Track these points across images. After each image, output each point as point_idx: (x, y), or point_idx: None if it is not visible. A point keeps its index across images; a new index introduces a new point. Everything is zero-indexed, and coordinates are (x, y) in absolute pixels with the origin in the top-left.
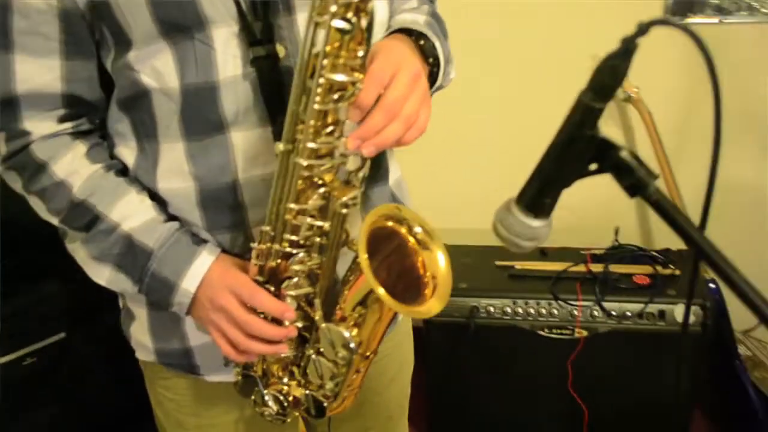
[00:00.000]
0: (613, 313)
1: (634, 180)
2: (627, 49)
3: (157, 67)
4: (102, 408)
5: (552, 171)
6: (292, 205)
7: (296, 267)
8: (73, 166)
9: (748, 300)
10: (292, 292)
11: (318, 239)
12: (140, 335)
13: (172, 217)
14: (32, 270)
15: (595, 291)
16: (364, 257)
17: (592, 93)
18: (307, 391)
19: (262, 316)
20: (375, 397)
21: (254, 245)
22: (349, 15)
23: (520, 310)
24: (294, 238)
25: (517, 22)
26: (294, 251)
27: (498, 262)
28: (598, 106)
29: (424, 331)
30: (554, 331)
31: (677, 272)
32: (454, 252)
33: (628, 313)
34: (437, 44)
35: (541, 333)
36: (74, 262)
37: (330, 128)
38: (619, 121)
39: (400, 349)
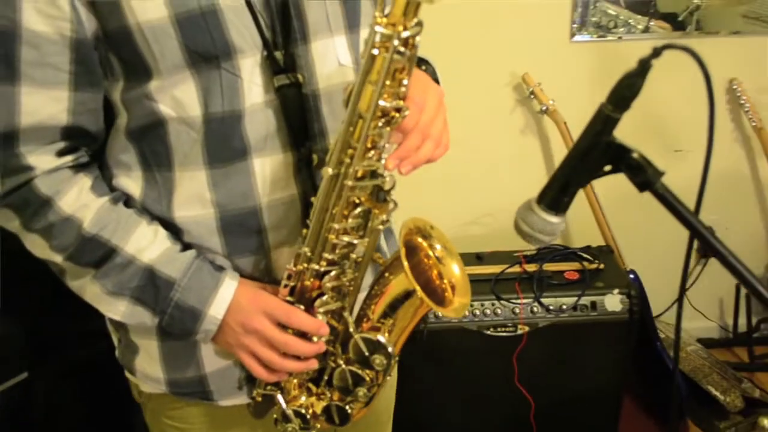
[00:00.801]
0: (551, 307)
1: (645, 178)
2: (643, 69)
3: (177, 97)
4: None
5: (573, 173)
6: (336, 226)
7: (330, 284)
8: (81, 200)
9: (740, 276)
10: (323, 309)
11: (353, 256)
12: (148, 368)
13: (187, 246)
14: None
15: (533, 289)
16: (405, 261)
17: (612, 105)
18: (332, 402)
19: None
20: None
21: (289, 266)
22: (402, 48)
23: (467, 312)
24: (331, 256)
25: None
26: (329, 269)
27: None
28: (616, 116)
29: None
30: (499, 329)
31: (601, 266)
32: None
33: (564, 307)
34: (435, 68)
35: (487, 332)
36: (30, 297)
37: (372, 152)
38: (536, 132)
39: None
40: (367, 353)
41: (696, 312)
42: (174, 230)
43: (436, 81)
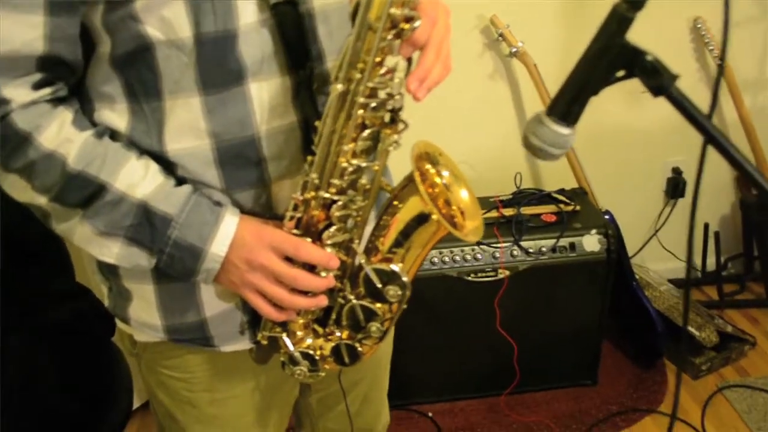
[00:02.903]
0: (531, 250)
1: (659, 81)
2: None
3: (166, 17)
4: (55, 408)
5: (584, 79)
6: (346, 148)
7: (338, 213)
8: (62, 135)
9: (747, 173)
10: (331, 241)
11: (362, 182)
12: (144, 315)
13: (181, 180)
14: None
15: (512, 232)
16: (420, 183)
17: (627, 3)
18: (341, 341)
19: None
20: None
21: (295, 195)
22: None
23: (447, 259)
24: (339, 183)
25: None
26: (337, 198)
27: None
28: (631, 15)
29: None
30: (480, 274)
31: (577, 208)
32: None
33: (543, 249)
34: None
35: (468, 278)
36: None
37: (384, 68)
38: (506, 76)
39: None
40: (379, 285)
41: (666, 252)
42: (166, 165)
43: None
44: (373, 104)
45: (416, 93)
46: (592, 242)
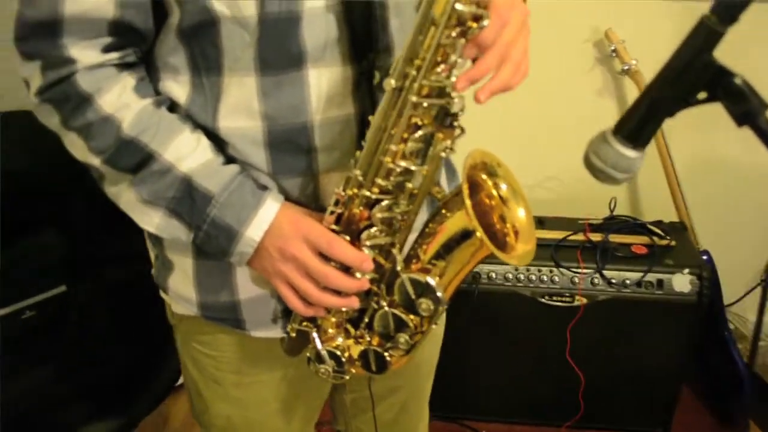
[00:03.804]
0: (613, 281)
1: (747, 108)
2: None
3: None
4: (105, 365)
5: (660, 97)
6: (394, 148)
7: (379, 215)
8: (122, 100)
9: None
10: (370, 242)
11: (409, 185)
12: (181, 287)
13: (230, 160)
14: (31, 219)
15: (596, 259)
16: (467, 198)
17: (717, 16)
18: (370, 347)
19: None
20: None
21: (337, 190)
22: None
23: (522, 277)
24: (384, 183)
25: None
26: (381, 198)
27: None
28: (720, 30)
29: None
30: (555, 298)
31: (673, 243)
32: None
33: (628, 282)
34: None
35: (542, 300)
36: (74, 211)
37: (441, 66)
38: (614, 94)
39: None
40: (413, 296)
41: None
42: (218, 142)
43: None
44: (426, 104)
45: (475, 97)
46: (682, 282)
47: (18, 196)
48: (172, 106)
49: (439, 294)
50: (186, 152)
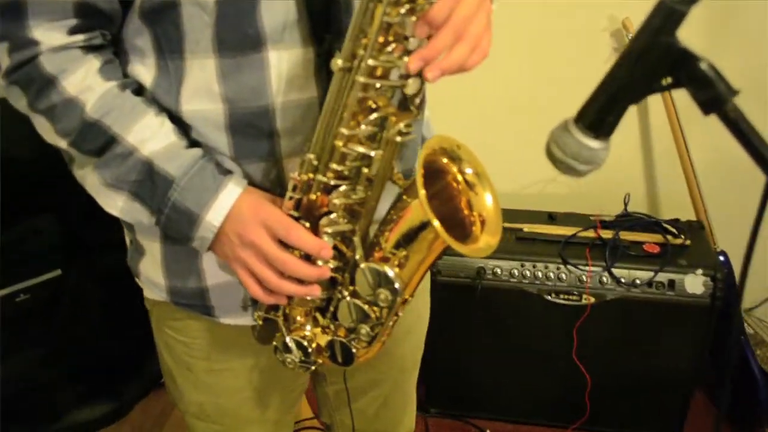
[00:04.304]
0: (622, 280)
1: (713, 94)
2: None
3: None
4: (96, 349)
5: (622, 83)
6: (344, 130)
7: (337, 201)
8: (86, 82)
9: None
10: (330, 230)
11: (365, 170)
12: (151, 272)
13: (194, 143)
14: (27, 203)
15: (605, 257)
16: (421, 188)
17: None
18: (335, 337)
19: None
20: (391, 348)
21: (293, 175)
22: None
23: (528, 273)
24: (339, 168)
25: None
26: (337, 183)
27: (505, 224)
28: (681, 9)
29: (430, 291)
30: (561, 296)
31: (687, 242)
32: None
33: (638, 281)
34: None
35: (548, 297)
36: (71, 197)
37: (392, 46)
38: None
39: (418, 300)
40: (372, 286)
41: None
42: (182, 126)
43: None
44: (378, 86)
45: (424, 73)
46: (695, 283)
47: (18, 181)
48: (139, 90)
49: (397, 285)
50: (149, 135)
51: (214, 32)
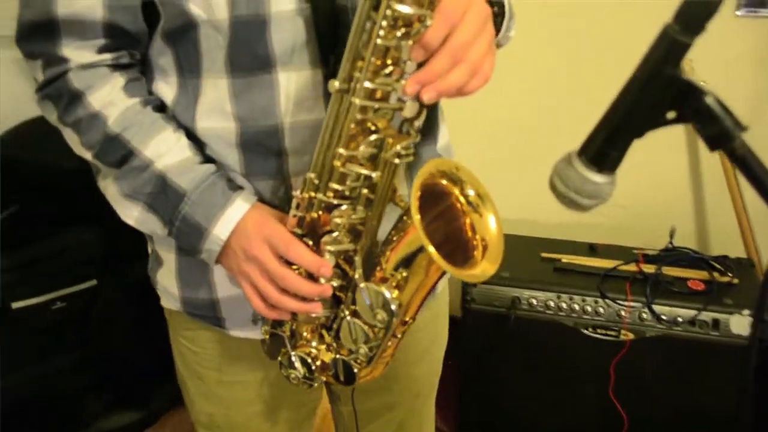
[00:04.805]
0: (664, 317)
1: (719, 130)
2: None
3: None
4: (126, 358)
5: (624, 117)
6: (342, 151)
7: (338, 220)
8: (110, 98)
9: None
10: (332, 248)
11: (365, 191)
12: (167, 282)
13: (209, 159)
14: (70, 214)
15: (646, 292)
16: (416, 213)
17: (680, 25)
18: (338, 356)
19: (297, 271)
20: (405, 370)
21: (295, 193)
22: None
23: (564, 306)
24: (340, 188)
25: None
26: (338, 203)
27: (544, 254)
28: (685, 40)
29: (460, 319)
30: (599, 330)
31: (735, 281)
32: None
33: (680, 319)
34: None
35: (585, 331)
36: (108, 209)
37: (389, 68)
38: None
39: (435, 322)
40: (370, 306)
41: None
42: (197, 143)
43: (510, 15)
44: (377, 107)
45: (420, 95)
46: (741, 324)
47: (63, 192)
48: (161, 107)
49: (393, 306)
50: (165, 150)
51: (227, 53)
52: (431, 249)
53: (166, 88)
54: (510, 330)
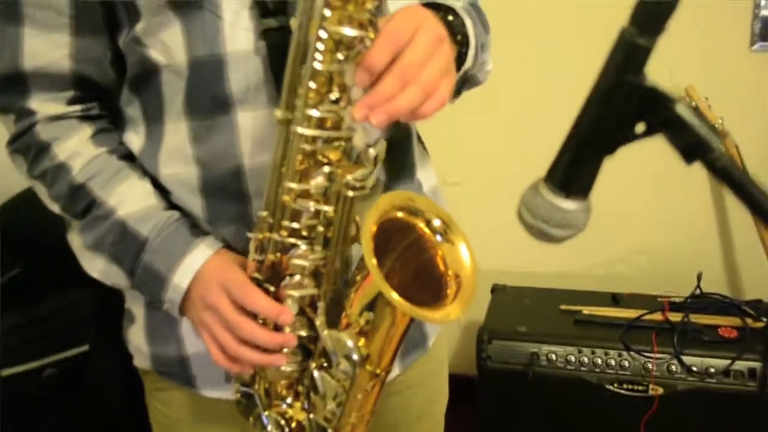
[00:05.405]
0: (694, 368)
1: (693, 140)
2: None
3: (165, 42)
4: (116, 428)
5: (589, 133)
6: (292, 185)
7: (296, 262)
8: (77, 148)
9: None
10: (294, 293)
11: (321, 229)
12: (137, 338)
13: (174, 207)
14: (62, 277)
15: (673, 342)
16: (370, 256)
17: (636, 27)
18: (312, 416)
19: (263, 322)
20: None
21: (251, 235)
22: None
23: (586, 360)
24: (294, 226)
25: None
26: (294, 242)
27: (563, 306)
28: (644, 44)
29: (477, 379)
30: (625, 386)
31: None
32: (515, 293)
33: (712, 370)
34: (468, 22)
35: (610, 387)
36: None
37: (336, 95)
38: None
39: (430, 379)
40: (333, 356)
41: None
42: (163, 190)
43: (481, 46)
44: (321, 136)
45: (363, 120)
46: None
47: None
48: (130, 156)
49: (354, 356)
50: (128, 198)
51: (186, 96)
52: (388, 291)
53: (135, 138)
54: (529, 388)
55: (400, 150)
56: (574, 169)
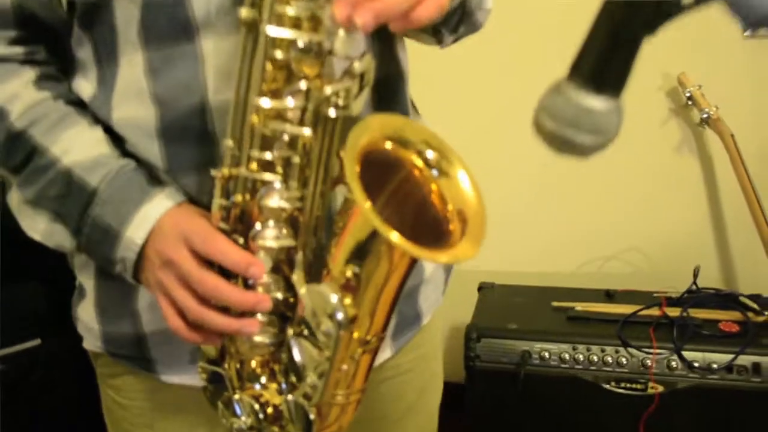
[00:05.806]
0: (696, 364)
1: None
2: None
3: None
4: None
5: (627, 8)
6: (259, 101)
7: (269, 203)
8: (15, 92)
9: None
10: (267, 243)
11: (298, 160)
12: (86, 315)
13: (129, 157)
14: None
15: (673, 337)
16: (355, 182)
17: None
18: (290, 396)
19: (234, 283)
20: (388, 428)
21: (215, 172)
22: None
23: (581, 357)
24: (266, 157)
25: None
26: (266, 180)
27: (555, 303)
28: None
29: (465, 380)
30: (623, 384)
31: None
32: (504, 291)
33: (714, 365)
34: None
35: (607, 386)
36: (58, 264)
37: None
38: (695, 147)
39: (423, 364)
40: (312, 316)
41: None
42: (116, 139)
43: None
44: (296, 38)
45: (345, 19)
46: None
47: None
48: (78, 102)
49: (339, 315)
50: (75, 145)
51: (140, 20)
52: (385, 230)
53: (85, 84)
54: (521, 388)
55: (392, 92)
56: (607, 58)
